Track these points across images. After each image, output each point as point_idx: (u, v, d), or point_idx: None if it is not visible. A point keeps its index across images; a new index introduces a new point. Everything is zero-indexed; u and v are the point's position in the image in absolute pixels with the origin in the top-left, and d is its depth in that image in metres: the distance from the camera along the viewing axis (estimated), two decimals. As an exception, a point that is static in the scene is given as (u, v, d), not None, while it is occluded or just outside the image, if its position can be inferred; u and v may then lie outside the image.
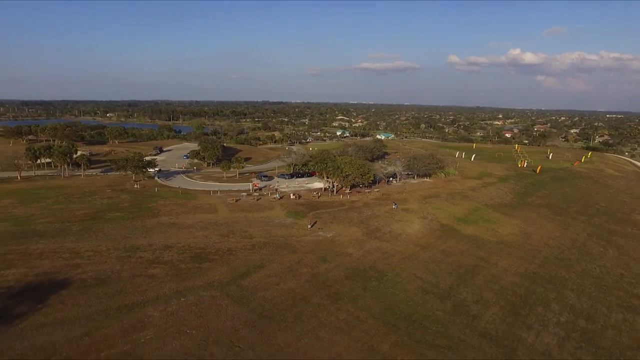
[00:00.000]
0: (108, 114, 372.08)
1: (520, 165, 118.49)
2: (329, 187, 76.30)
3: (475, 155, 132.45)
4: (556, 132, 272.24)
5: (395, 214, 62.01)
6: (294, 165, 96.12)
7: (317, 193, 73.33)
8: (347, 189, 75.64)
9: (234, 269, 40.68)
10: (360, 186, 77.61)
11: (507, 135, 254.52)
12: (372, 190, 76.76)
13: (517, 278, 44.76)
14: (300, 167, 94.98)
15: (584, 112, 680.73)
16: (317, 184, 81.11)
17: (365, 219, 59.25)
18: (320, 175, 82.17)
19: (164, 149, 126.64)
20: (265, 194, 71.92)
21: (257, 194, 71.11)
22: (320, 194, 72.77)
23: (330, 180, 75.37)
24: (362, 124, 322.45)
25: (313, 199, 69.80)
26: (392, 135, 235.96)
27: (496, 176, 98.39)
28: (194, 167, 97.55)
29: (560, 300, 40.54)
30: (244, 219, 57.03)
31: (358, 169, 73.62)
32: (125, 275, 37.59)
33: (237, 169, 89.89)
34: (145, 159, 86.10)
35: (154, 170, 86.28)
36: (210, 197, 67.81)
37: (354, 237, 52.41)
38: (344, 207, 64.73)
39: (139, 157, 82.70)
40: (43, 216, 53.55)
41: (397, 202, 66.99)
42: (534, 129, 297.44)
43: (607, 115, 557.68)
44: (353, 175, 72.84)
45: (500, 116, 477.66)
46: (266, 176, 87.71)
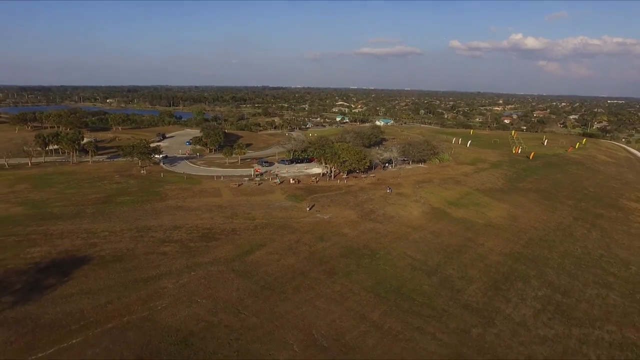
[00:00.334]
0: (108, 100, 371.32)
1: (514, 152, 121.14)
2: (327, 172, 79.36)
3: (471, 141, 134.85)
4: (555, 118, 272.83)
5: (389, 198, 65.10)
6: (294, 152, 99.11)
7: (315, 178, 76.44)
8: (344, 174, 78.64)
9: (238, 247, 44.10)
10: (356, 171, 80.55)
11: (505, 121, 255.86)
12: (368, 176, 79.87)
13: (501, 257, 47.98)
14: (299, 153, 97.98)
15: (586, 97, 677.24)
16: (315, 169, 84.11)
17: (360, 202, 62.40)
18: (318, 161, 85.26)
19: (167, 135, 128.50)
20: (266, 178, 75.08)
21: (258, 179, 74.36)
22: (319, 179, 75.91)
23: (328, 165, 78.36)
24: (361, 109, 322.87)
25: (312, 183, 72.94)
26: (392, 121, 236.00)
27: (490, 162, 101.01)
28: (196, 153, 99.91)
29: (540, 277, 43.68)
30: (247, 202, 60.29)
31: (355, 155, 76.45)
32: (139, 253, 41.06)
33: (239, 155, 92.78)
34: (151, 145, 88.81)
35: (160, 156, 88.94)
36: (214, 182, 70.96)
37: (349, 218, 55.57)
38: (341, 191, 67.89)
39: (145, 143, 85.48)
40: (58, 200, 56.79)
41: (391, 187, 70.05)
42: (534, 115, 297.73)
43: (609, 101, 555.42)
44: (350, 161, 75.74)
45: (500, 102, 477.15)
46: (267, 162, 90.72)
